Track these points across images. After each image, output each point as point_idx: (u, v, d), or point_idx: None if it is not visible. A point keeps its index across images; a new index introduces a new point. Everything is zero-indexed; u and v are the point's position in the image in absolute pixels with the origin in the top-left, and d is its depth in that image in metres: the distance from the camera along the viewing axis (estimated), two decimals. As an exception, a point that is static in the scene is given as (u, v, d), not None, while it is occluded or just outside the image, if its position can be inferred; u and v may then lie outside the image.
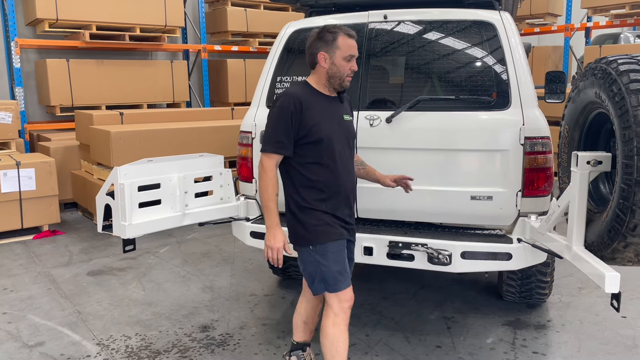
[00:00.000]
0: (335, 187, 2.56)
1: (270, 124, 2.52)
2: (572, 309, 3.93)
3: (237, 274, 4.71)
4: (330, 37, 2.50)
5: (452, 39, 3.21)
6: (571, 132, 2.72)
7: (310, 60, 2.58)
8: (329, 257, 2.52)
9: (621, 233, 2.16)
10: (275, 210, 2.49)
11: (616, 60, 2.25)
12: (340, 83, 2.57)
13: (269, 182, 2.48)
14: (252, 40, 9.48)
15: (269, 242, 2.49)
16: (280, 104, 2.49)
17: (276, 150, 2.49)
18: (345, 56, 2.51)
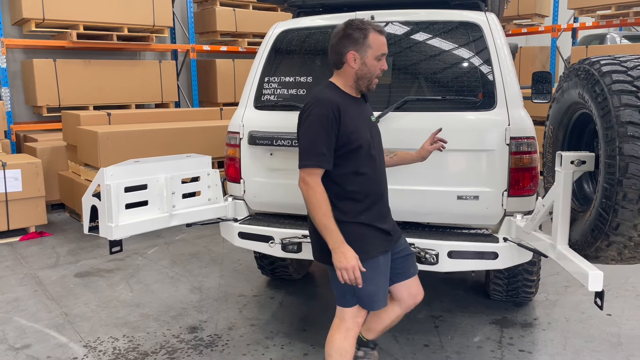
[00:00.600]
0: (374, 195, 2.41)
1: (308, 134, 2.28)
2: (558, 307, 3.97)
3: (225, 274, 4.70)
4: (360, 35, 2.32)
5: (438, 39, 3.23)
6: (555, 132, 2.75)
7: (336, 59, 2.39)
8: (365, 276, 2.29)
9: (604, 232, 2.18)
10: (335, 227, 2.24)
11: (599, 61, 2.28)
12: (368, 85, 2.41)
13: (321, 199, 2.25)
14: (241, 40, 9.47)
15: (340, 263, 2.22)
16: (317, 111, 2.26)
17: (319, 164, 2.27)
18: (377, 55, 2.35)
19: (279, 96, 3.41)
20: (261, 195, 3.43)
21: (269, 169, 3.38)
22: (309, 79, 3.35)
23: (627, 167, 2.03)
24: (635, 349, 3.34)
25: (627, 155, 2.03)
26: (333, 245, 2.24)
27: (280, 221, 3.36)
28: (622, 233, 2.14)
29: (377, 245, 2.40)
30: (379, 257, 2.41)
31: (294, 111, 3.30)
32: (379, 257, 2.41)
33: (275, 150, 3.34)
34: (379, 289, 2.42)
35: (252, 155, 3.41)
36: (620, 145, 2.06)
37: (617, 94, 2.11)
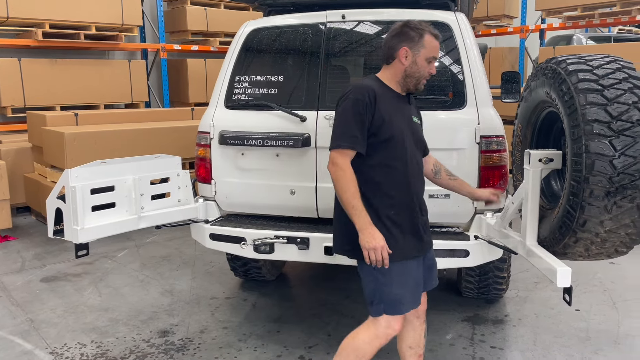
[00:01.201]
0: (406, 192, 2.36)
1: (342, 117, 2.30)
2: (528, 303, 4.03)
3: (197, 277, 4.63)
4: (415, 35, 2.34)
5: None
6: (524, 131, 2.78)
7: (387, 53, 2.39)
8: (393, 278, 2.29)
9: (572, 229, 2.21)
10: (363, 208, 2.22)
11: (565, 60, 2.31)
12: (415, 84, 2.40)
13: (350, 180, 2.23)
14: (213, 40, 9.37)
15: (369, 243, 2.20)
16: (353, 96, 2.28)
17: (351, 146, 2.25)
18: (429, 57, 2.36)
19: (250, 95, 3.37)
20: (232, 196, 3.39)
21: (240, 169, 3.34)
22: (280, 78, 3.32)
23: (594, 164, 2.06)
24: (603, 343, 3.40)
25: (593, 153, 2.06)
26: (361, 225, 2.23)
27: (252, 222, 3.33)
28: (589, 229, 2.17)
29: (405, 248, 2.34)
30: (407, 260, 2.35)
31: (266, 111, 3.28)
32: (407, 260, 2.35)
33: (246, 150, 3.30)
34: (406, 293, 2.35)
35: (223, 156, 3.36)
36: (586, 143, 2.09)
37: (583, 92, 2.14)
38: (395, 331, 2.39)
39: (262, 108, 3.29)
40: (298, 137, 3.14)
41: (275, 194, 3.30)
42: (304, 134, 3.15)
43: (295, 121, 3.19)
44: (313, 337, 3.51)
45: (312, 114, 3.19)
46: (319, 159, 3.18)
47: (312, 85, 3.23)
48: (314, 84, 3.23)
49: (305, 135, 3.15)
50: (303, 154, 3.20)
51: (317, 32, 3.33)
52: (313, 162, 3.20)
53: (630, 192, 2.06)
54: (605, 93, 2.12)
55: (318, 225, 3.24)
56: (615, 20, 9.14)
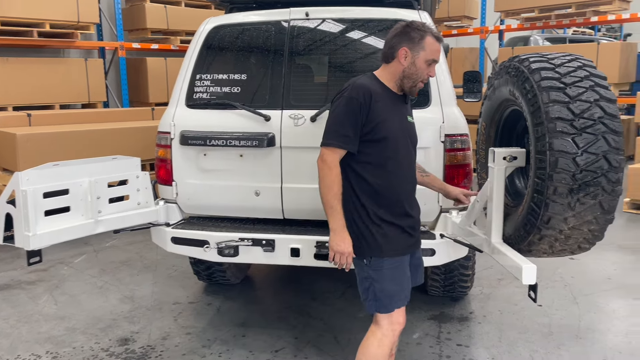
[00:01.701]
0: (398, 192, 2.36)
1: (335, 115, 2.29)
2: (492, 300, 4.07)
3: (159, 281, 4.50)
4: (417, 35, 2.30)
5: (373, 37, 3.22)
6: (488, 129, 2.79)
7: (387, 52, 2.36)
8: (385, 274, 2.32)
9: (536, 226, 2.23)
10: (341, 210, 2.27)
11: (528, 58, 2.32)
12: (412, 86, 2.36)
13: (335, 179, 2.25)
14: (174, 38, 9.17)
15: (337, 246, 2.27)
16: (348, 94, 2.26)
17: (342, 145, 2.25)
18: (428, 59, 2.33)
19: (212, 94, 3.28)
20: (195, 198, 3.30)
21: (202, 170, 3.25)
22: (243, 77, 3.24)
23: (557, 162, 2.07)
24: (565, 338, 3.46)
25: (557, 151, 2.08)
26: (335, 227, 2.28)
27: (215, 224, 3.24)
28: (553, 226, 2.19)
29: (398, 245, 2.36)
30: (400, 257, 2.37)
31: (229, 110, 3.20)
32: (400, 257, 2.37)
33: (209, 151, 3.21)
34: (401, 290, 2.37)
35: (185, 156, 3.26)
36: (550, 140, 2.10)
37: (546, 90, 2.15)
38: (400, 324, 2.41)
39: (224, 107, 3.21)
40: (262, 137, 3.07)
41: (240, 195, 3.22)
42: (268, 133, 3.09)
43: (260, 120, 3.12)
44: (280, 340, 3.45)
45: (276, 113, 3.12)
46: (284, 159, 3.13)
47: (276, 84, 3.17)
48: (278, 82, 3.17)
49: (269, 134, 3.08)
50: (268, 154, 3.13)
51: (280, 29, 3.27)
52: (278, 162, 3.14)
53: (593, 189, 2.09)
54: (567, 91, 2.14)
55: (284, 226, 3.19)
56: (570, 21, 9.41)
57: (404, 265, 2.40)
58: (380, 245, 2.30)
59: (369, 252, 2.32)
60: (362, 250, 2.33)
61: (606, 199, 2.11)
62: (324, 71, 3.30)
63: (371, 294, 2.35)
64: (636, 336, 3.45)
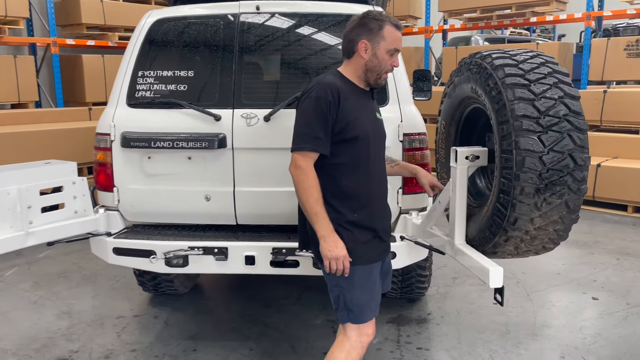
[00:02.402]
0: (371, 193, 2.26)
1: (304, 116, 2.16)
2: (449, 299, 4.04)
3: (100, 294, 4.20)
4: (375, 25, 2.20)
5: (327, 32, 3.09)
6: (448, 128, 2.72)
7: (347, 47, 2.26)
8: (355, 283, 2.20)
9: (502, 227, 2.16)
10: (326, 215, 2.13)
11: (490, 54, 2.26)
12: (376, 79, 2.26)
13: (312, 184, 2.12)
14: (111, 35, 8.72)
15: (330, 252, 2.12)
16: (315, 94, 2.13)
17: (314, 148, 2.12)
18: (390, 49, 2.22)
19: (156, 92, 3.05)
20: (139, 205, 3.06)
21: (146, 174, 3.02)
22: (190, 73, 3.03)
23: (524, 161, 2.01)
24: (522, 336, 3.46)
25: (523, 149, 2.02)
26: (323, 233, 2.13)
27: (162, 233, 3.02)
28: (520, 227, 2.13)
29: (370, 252, 2.25)
30: (371, 264, 2.25)
31: (175, 109, 2.99)
32: (371, 264, 2.25)
33: (153, 153, 2.98)
34: (372, 299, 2.26)
35: (127, 160, 3.02)
36: (516, 139, 2.03)
37: (511, 87, 2.09)
38: (369, 336, 2.29)
39: (170, 106, 2.99)
40: (212, 138, 2.88)
41: (188, 200, 3.01)
42: (219, 134, 2.90)
43: (209, 120, 2.93)
44: (234, 352, 3.26)
45: (227, 112, 2.94)
46: (236, 161, 2.95)
47: (226, 82, 2.98)
48: (228, 80, 2.98)
49: (220, 135, 2.89)
50: (219, 156, 2.94)
51: (229, 24, 3.09)
52: (230, 164, 2.95)
53: (559, 188, 2.04)
54: (532, 88, 2.08)
55: (237, 233, 3.01)
56: (511, 21, 9.65)
57: (376, 273, 2.29)
58: (351, 252, 2.17)
59: None
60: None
61: (572, 198, 2.08)
62: (277, 68, 3.14)
63: (341, 303, 2.23)
64: (590, 331, 3.50)
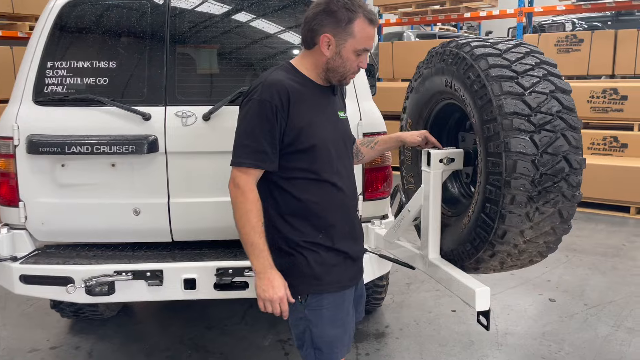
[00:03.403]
0: (337, 208, 1.91)
1: (245, 123, 1.78)
2: (405, 308, 3.79)
3: (10, 322, 3.60)
4: (344, 17, 1.78)
5: (277, 17, 2.71)
6: (414, 127, 2.42)
7: (307, 37, 1.85)
8: (324, 315, 1.85)
9: (488, 241, 1.89)
10: (264, 246, 1.78)
11: (468, 43, 1.97)
12: (340, 80, 1.89)
13: (251, 207, 1.76)
14: (21, 24, 7.87)
15: (265, 293, 1.78)
16: (259, 97, 1.75)
17: (257, 163, 1.77)
18: (358, 49, 1.83)
19: (70, 87, 2.56)
20: (51, 222, 2.56)
21: (60, 185, 2.52)
22: (112, 65, 2.56)
23: (516, 165, 1.74)
24: (487, 346, 3.25)
25: (515, 152, 1.74)
26: (259, 268, 1.79)
27: (81, 255, 2.55)
28: (509, 241, 1.86)
29: (341, 276, 1.90)
30: (343, 291, 1.91)
31: (94, 107, 2.51)
32: (343, 291, 1.91)
33: (68, 160, 2.50)
34: (344, 333, 1.91)
35: (35, 168, 2.51)
36: (506, 140, 1.76)
37: (497, 80, 1.81)
38: None
39: (88, 103, 2.51)
40: (141, 141, 2.43)
41: (113, 215, 2.55)
42: (148, 136, 2.46)
43: (136, 120, 2.48)
44: (172, 388, 2.83)
45: (158, 110, 2.50)
46: (171, 167, 2.52)
47: (157, 74, 2.54)
48: (158, 72, 2.54)
49: (150, 137, 2.45)
50: (149, 162, 2.50)
51: (157, 6, 2.63)
52: (163, 171, 2.52)
53: (553, 195, 1.78)
54: (520, 81, 1.81)
55: (173, 251, 2.59)
56: (446, 17, 9.63)
57: (348, 302, 1.95)
58: (318, 277, 1.83)
59: (305, 287, 1.84)
60: (295, 288, 1.84)
61: (566, 206, 1.83)
62: (218, 58, 2.73)
63: (307, 340, 1.87)
64: (553, 337, 3.34)
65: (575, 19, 11.95)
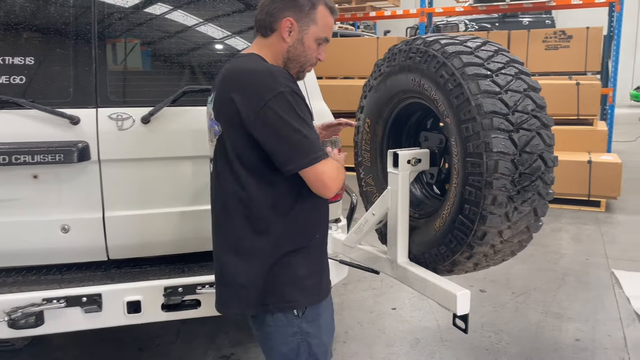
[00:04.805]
0: (325, 206, 1.81)
1: (292, 118, 1.55)
2: (346, 310, 3.73)
3: None
4: (307, 3, 1.68)
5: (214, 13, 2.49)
6: (373, 127, 2.34)
7: (265, 22, 1.70)
8: (322, 323, 1.73)
9: (467, 243, 1.85)
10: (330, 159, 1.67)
11: (438, 40, 1.91)
12: (298, 72, 1.76)
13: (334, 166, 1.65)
14: None
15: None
16: (286, 88, 1.56)
17: (325, 154, 1.64)
18: (320, 37, 1.73)
19: (-23, 87, 2.17)
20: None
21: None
22: (29, 61, 2.19)
23: (497, 165, 1.71)
24: (433, 343, 3.28)
25: (496, 152, 1.71)
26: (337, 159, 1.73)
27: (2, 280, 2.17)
28: (487, 242, 1.84)
29: (329, 278, 1.83)
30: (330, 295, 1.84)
31: (9, 110, 2.15)
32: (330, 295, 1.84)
33: (-23, 172, 2.12)
34: (331, 340, 1.84)
35: None
36: (486, 139, 1.72)
37: (473, 78, 1.77)
38: None
39: (2, 106, 2.14)
40: (69, 148, 2.12)
41: (37, 234, 2.20)
42: (77, 142, 2.15)
43: (62, 124, 2.16)
44: None
45: (88, 112, 2.20)
46: (105, 177, 2.23)
47: (85, 72, 2.22)
48: (86, 69, 2.22)
49: (80, 144, 2.15)
50: (79, 172, 2.19)
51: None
52: (96, 182, 2.22)
53: (530, 194, 1.79)
54: (496, 79, 1.79)
55: (111, 272, 2.29)
56: (352, 15, 9.75)
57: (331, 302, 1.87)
58: (318, 286, 1.72)
59: (305, 300, 1.69)
60: (292, 300, 1.68)
61: (540, 204, 1.84)
62: (157, 52, 2.45)
63: (303, 354, 1.71)
64: (492, 328, 3.45)
65: (467, 21, 12.69)
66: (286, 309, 1.67)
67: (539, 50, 7.88)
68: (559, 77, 7.39)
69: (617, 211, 6.08)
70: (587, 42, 7.67)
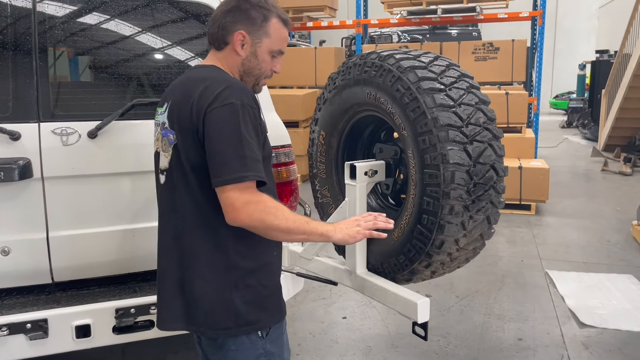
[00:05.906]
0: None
1: (233, 132, 1.49)
2: (298, 321, 3.71)
3: None
4: (258, 15, 1.67)
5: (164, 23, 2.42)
6: (328, 139, 2.35)
7: (217, 35, 1.68)
8: (283, 342, 1.73)
9: (425, 252, 1.90)
10: (314, 221, 1.66)
11: (392, 55, 1.96)
12: (254, 84, 1.76)
13: (273, 204, 1.54)
14: None
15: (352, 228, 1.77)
16: (238, 101, 1.51)
17: (258, 175, 1.51)
18: (274, 50, 1.73)
19: None
20: None
21: None
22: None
23: (454, 176, 1.77)
24: (385, 350, 3.33)
25: (453, 163, 1.77)
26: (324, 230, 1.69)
27: None
28: (445, 250, 1.89)
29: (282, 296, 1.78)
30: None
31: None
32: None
33: None
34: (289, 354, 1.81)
35: None
36: (443, 151, 1.78)
37: (428, 92, 1.83)
38: None
39: None
40: (10, 165, 1.99)
41: (-27, 258, 2.05)
42: (18, 159, 2.02)
43: (2, 140, 2.02)
44: None
45: (30, 127, 2.08)
46: (49, 195, 2.11)
47: (25, 84, 2.10)
48: (26, 81, 2.10)
49: (21, 161, 2.02)
50: (20, 190, 2.07)
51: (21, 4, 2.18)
52: (40, 200, 2.10)
53: (484, 203, 1.86)
54: (450, 93, 1.85)
55: (56, 295, 2.17)
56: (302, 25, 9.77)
57: None
58: (279, 304, 1.72)
59: (270, 320, 1.66)
60: (256, 322, 1.63)
61: (493, 212, 1.92)
62: (104, 64, 2.35)
63: None
64: (439, 332, 3.55)
65: (399, 32, 13.09)
66: (251, 331, 1.62)
67: (469, 61, 8.24)
68: (489, 87, 7.76)
69: (546, 214, 6.43)
70: (513, 53, 8.11)
